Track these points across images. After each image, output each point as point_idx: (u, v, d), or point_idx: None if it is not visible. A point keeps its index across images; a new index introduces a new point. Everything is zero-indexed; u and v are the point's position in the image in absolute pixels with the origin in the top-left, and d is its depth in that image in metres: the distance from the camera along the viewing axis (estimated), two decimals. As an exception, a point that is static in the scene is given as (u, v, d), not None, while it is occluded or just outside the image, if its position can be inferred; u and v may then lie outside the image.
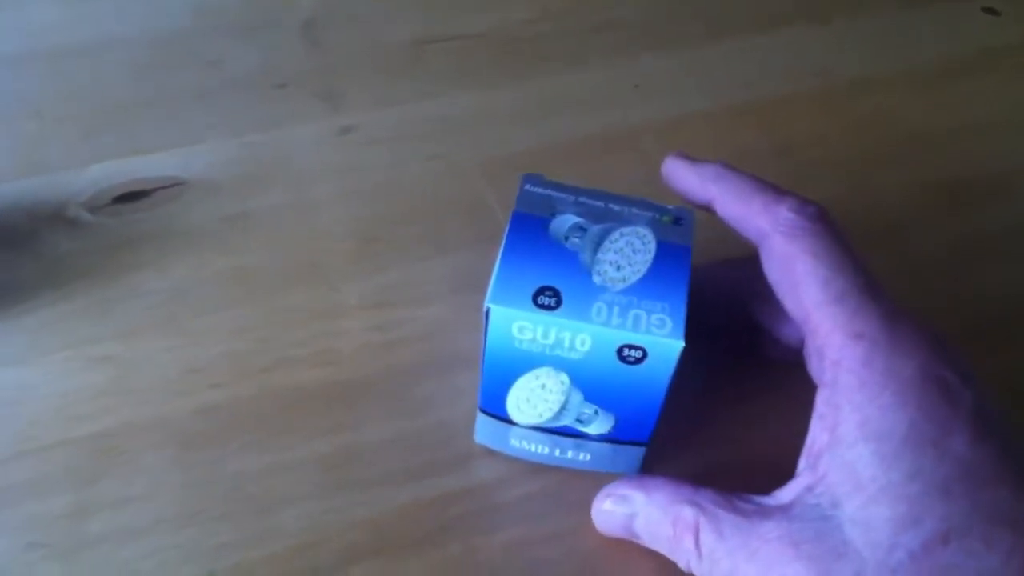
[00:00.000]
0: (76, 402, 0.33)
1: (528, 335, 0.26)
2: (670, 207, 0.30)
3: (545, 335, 0.26)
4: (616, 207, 0.29)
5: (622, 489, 0.29)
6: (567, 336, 0.26)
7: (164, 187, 0.40)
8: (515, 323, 0.26)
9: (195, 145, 0.42)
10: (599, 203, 0.29)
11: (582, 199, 0.29)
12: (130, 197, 0.40)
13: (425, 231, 0.39)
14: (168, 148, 0.42)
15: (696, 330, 0.27)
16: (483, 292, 0.27)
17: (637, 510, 0.28)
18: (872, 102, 0.46)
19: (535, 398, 0.28)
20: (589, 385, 0.28)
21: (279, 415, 0.33)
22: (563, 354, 0.27)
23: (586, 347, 0.26)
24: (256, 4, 0.49)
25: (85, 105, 0.43)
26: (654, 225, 0.28)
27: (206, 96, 0.44)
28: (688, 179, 0.30)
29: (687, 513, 0.26)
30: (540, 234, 0.28)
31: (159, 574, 0.29)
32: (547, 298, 0.26)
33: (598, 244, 0.27)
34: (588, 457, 0.31)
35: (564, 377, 0.27)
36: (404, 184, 0.41)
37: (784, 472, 0.26)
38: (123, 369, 0.34)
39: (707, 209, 0.30)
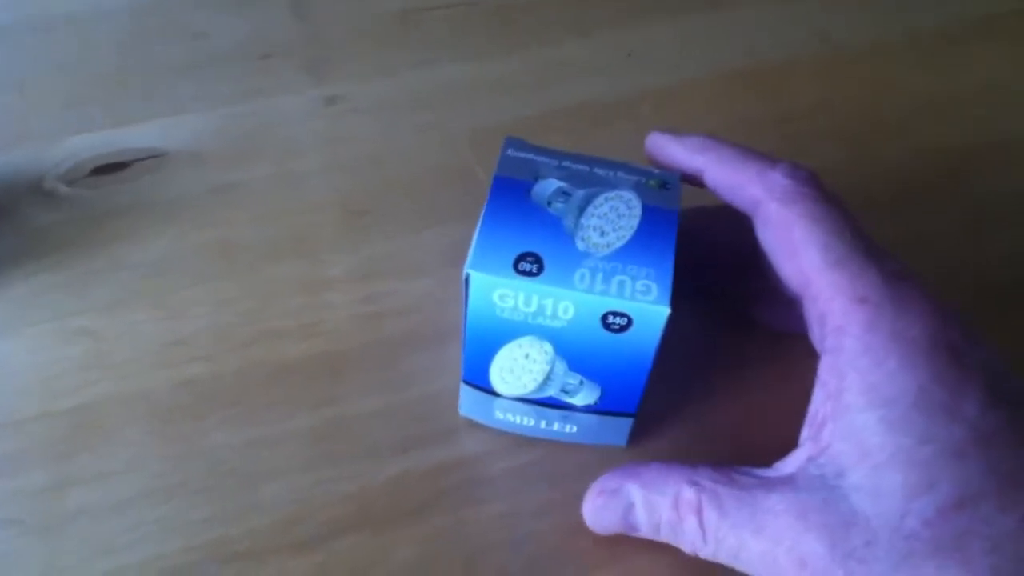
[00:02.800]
0: (55, 375, 0.32)
1: (510, 303, 0.26)
2: (656, 171, 0.29)
3: (527, 302, 0.26)
4: (601, 171, 0.28)
5: (612, 483, 0.27)
6: (549, 303, 0.25)
7: (144, 159, 0.39)
8: (496, 290, 0.25)
9: (178, 116, 0.41)
10: (583, 167, 0.28)
11: (565, 163, 0.28)
12: (109, 169, 0.39)
13: (413, 203, 0.38)
14: (150, 119, 0.41)
15: (686, 294, 0.26)
16: None
17: (633, 500, 0.27)
18: (874, 69, 0.45)
19: (518, 368, 0.28)
20: (573, 354, 0.27)
21: (263, 388, 0.32)
22: (546, 322, 0.26)
23: (569, 315, 0.26)
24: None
25: (68, 77, 0.43)
26: (640, 189, 0.28)
27: (190, 67, 0.43)
28: (674, 151, 0.29)
29: (688, 493, 0.25)
30: (522, 199, 0.27)
31: (139, 549, 0.28)
32: (529, 264, 0.25)
33: (582, 209, 0.27)
34: (575, 429, 0.30)
35: (548, 346, 0.27)
36: (392, 155, 0.40)
37: (783, 443, 0.26)
38: (104, 342, 0.33)
39: (694, 182, 0.29)
